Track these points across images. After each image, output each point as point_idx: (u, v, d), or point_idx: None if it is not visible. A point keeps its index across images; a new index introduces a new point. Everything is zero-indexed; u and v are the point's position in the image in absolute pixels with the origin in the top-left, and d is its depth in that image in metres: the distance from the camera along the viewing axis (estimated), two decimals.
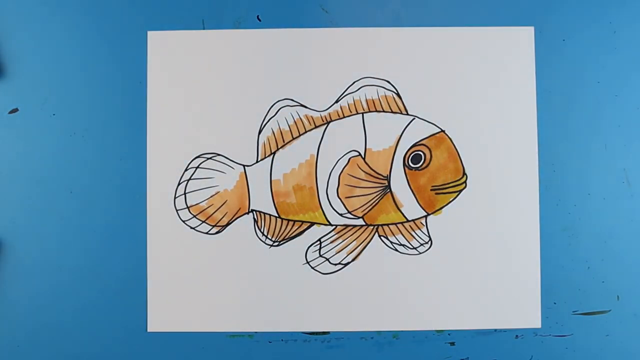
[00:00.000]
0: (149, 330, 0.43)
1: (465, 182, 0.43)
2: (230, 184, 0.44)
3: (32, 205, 0.43)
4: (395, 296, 0.43)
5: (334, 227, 0.44)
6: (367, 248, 0.43)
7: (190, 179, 0.43)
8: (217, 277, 0.43)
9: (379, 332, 0.43)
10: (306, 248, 0.43)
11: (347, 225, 0.44)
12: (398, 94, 0.44)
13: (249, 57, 0.44)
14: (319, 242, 0.43)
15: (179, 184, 0.43)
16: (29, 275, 0.43)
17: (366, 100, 0.44)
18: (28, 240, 0.43)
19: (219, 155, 0.44)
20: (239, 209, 0.44)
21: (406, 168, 0.43)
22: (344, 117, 0.44)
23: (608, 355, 0.43)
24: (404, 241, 0.43)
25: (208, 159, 0.44)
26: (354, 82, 0.44)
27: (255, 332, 0.43)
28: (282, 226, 0.43)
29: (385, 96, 0.44)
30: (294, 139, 0.44)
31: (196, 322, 0.43)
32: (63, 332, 0.43)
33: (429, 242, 0.43)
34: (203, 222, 0.43)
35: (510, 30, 0.44)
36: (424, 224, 0.43)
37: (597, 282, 0.43)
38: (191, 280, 0.43)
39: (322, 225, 0.43)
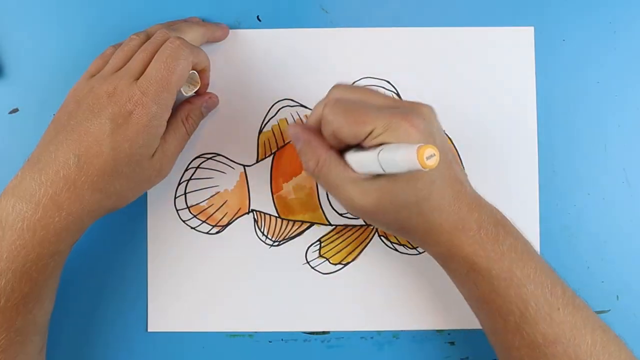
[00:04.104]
0: (149, 330, 0.43)
1: None
2: (231, 184, 0.44)
3: None
4: (395, 296, 0.43)
5: (334, 227, 0.44)
6: (367, 248, 0.43)
7: (190, 179, 0.43)
8: (217, 277, 0.43)
9: (379, 332, 0.43)
10: (306, 248, 0.43)
11: (347, 225, 0.44)
12: (398, 94, 0.44)
13: (249, 57, 0.44)
14: (319, 242, 0.43)
15: (179, 184, 0.43)
16: None
17: None
18: None
19: (219, 155, 0.44)
20: (239, 209, 0.44)
21: None
22: None
23: None
24: (404, 241, 0.43)
25: (208, 159, 0.44)
26: (354, 82, 0.44)
27: (255, 332, 0.43)
28: (282, 226, 0.43)
29: None
30: None
31: (196, 322, 0.43)
32: (63, 332, 0.43)
33: None
34: (203, 222, 0.43)
35: (510, 30, 0.44)
36: None
37: (596, 282, 0.43)
38: (191, 280, 0.43)
39: (322, 225, 0.44)
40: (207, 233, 0.43)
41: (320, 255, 0.43)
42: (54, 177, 0.34)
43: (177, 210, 0.43)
